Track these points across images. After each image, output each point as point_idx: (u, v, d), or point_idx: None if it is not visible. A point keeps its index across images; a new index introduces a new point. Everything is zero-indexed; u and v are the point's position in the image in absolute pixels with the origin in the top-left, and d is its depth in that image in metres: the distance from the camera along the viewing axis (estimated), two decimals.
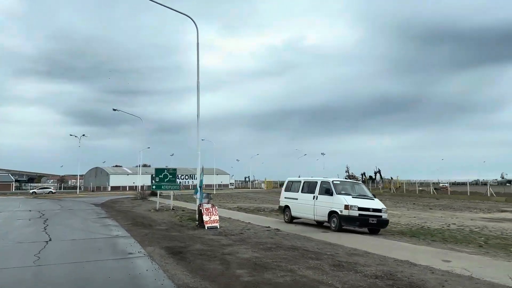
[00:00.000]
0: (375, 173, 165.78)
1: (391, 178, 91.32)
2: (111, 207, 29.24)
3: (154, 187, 24.97)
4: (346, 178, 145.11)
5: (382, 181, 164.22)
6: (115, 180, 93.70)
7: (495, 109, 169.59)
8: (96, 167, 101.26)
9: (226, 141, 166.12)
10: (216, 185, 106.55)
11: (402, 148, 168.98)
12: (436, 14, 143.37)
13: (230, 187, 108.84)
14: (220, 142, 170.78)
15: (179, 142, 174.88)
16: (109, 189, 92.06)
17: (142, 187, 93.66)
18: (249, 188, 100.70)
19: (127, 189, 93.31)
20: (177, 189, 24.99)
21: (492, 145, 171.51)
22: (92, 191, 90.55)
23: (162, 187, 23.99)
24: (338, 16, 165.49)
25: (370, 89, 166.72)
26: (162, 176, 23.99)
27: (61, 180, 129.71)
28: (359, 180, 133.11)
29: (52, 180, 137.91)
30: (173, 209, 24.71)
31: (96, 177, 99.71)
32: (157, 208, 24.98)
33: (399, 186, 74.55)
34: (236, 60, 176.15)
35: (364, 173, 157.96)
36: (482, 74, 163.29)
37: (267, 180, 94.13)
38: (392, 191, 71.06)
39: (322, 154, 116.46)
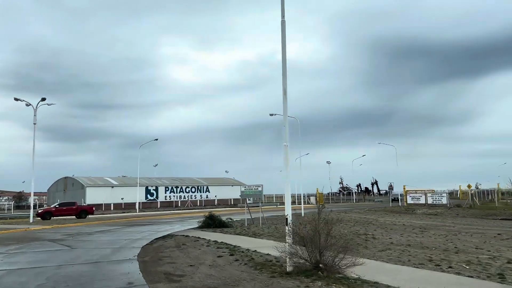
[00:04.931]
0: (372, 184, 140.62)
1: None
2: None
3: None
4: (340, 190, 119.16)
5: (379, 193, 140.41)
6: (93, 195, 59.89)
7: (463, 122, 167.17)
8: (66, 177, 66.96)
9: (199, 155, 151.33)
10: (232, 199, 74.59)
11: (374, 161, 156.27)
12: (406, 30, 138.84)
13: (248, 201, 76.96)
14: (194, 156, 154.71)
15: (153, 156, 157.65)
16: None
17: (136, 204, 60.53)
18: (292, 203, 68.42)
19: (112, 207, 59.83)
20: None
21: (460, 156, 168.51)
22: None
23: None
24: (312, 31, 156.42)
25: (343, 103, 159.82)
26: None
27: (18, 197, 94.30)
28: (354, 192, 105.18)
29: (6, 198, 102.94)
30: None
31: (66, 192, 65.35)
32: None
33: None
34: (210, 74, 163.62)
35: (359, 184, 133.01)
36: (450, 88, 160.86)
37: (318, 191, 62.91)
38: (470, 205, 43.10)
39: (328, 162, 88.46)
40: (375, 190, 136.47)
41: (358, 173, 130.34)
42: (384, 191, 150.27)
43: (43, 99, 26.60)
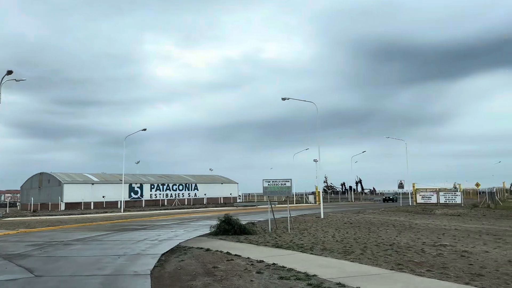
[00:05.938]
0: (356, 183, 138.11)
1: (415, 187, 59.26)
2: None
3: None
4: (324, 189, 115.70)
5: (363, 192, 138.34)
6: (72, 193, 54.01)
7: (441, 122, 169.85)
8: (41, 173, 60.57)
9: (181, 153, 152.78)
10: (222, 198, 69.58)
11: (354, 160, 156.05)
12: (387, 33, 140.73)
13: (238, 200, 72.11)
14: (177, 154, 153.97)
15: (134, 154, 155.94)
16: (63, 206, 52.27)
17: (122, 203, 54.24)
18: (290, 203, 63.00)
19: (92, 206, 54.09)
20: None
21: (438, 156, 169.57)
22: (34, 211, 50.14)
23: None
24: (295, 31, 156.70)
25: (325, 102, 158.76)
26: None
27: None
28: (338, 191, 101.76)
29: None
30: None
31: (42, 189, 59.08)
32: None
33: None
34: (193, 72, 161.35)
35: (344, 183, 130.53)
36: (429, 89, 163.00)
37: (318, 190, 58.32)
38: (488, 205, 39.64)
39: (315, 161, 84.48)
40: (359, 189, 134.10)
41: (343, 172, 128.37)
42: (368, 190, 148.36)
43: (10, 72, 21.21)
